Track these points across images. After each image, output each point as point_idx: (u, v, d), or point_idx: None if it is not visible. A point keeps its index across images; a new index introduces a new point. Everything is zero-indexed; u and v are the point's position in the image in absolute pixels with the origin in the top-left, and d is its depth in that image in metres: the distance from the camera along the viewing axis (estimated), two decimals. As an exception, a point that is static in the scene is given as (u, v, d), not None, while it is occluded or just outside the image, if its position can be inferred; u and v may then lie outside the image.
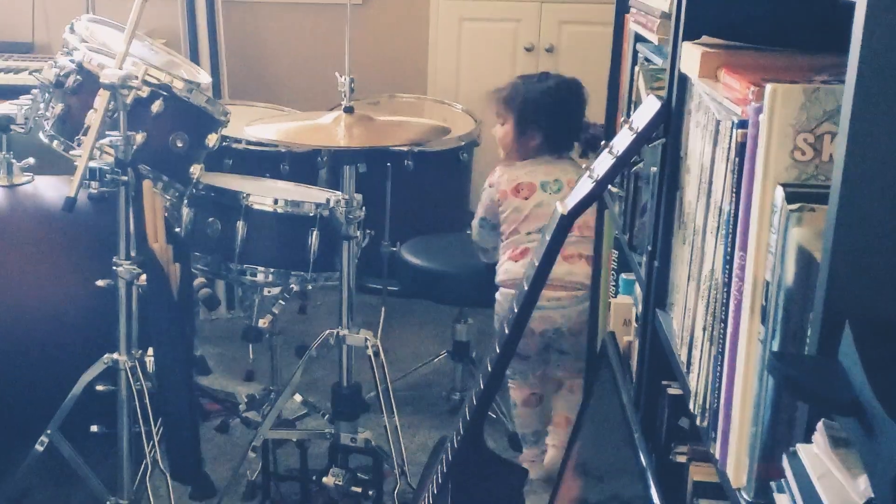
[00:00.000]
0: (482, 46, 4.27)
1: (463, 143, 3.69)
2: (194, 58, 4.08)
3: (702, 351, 1.38)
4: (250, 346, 3.57)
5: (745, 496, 1.15)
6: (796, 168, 1.10)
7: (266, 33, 4.51)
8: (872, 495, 0.82)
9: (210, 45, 4.15)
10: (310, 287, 2.81)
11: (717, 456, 1.24)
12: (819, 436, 0.93)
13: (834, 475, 0.89)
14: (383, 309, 3.59)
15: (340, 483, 2.51)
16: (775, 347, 1.08)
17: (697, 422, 1.36)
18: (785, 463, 0.94)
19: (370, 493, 2.52)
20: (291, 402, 2.93)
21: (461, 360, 3.38)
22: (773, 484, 0.97)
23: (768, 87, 1.10)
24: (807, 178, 1.10)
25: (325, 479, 2.54)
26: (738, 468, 1.18)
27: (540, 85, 2.94)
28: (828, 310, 0.93)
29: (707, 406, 1.33)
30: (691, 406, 1.40)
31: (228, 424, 3.20)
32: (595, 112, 3.03)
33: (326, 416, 2.97)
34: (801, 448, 0.94)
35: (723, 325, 1.26)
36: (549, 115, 2.90)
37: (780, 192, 1.07)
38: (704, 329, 1.36)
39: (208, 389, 3.28)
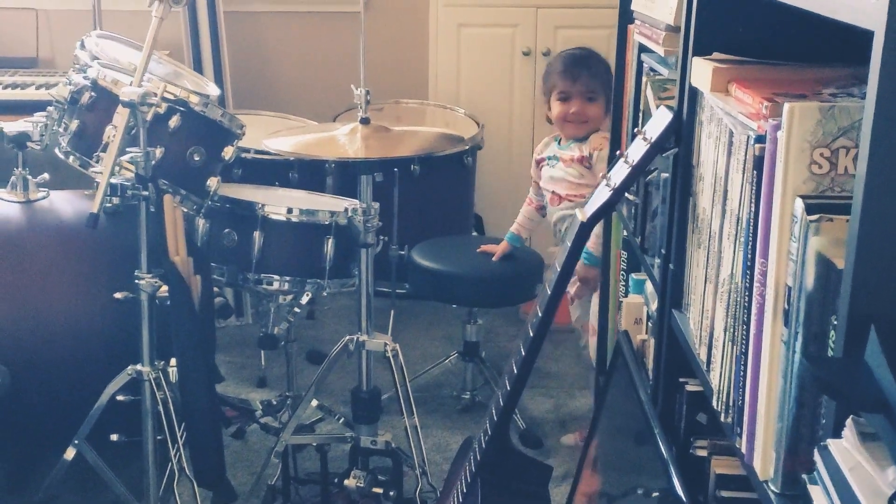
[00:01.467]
0: (481, 52, 4.35)
1: (467, 147, 3.76)
2: (197, 68, 4.14)
3: (723, 351, 1.46)
4: (262, 353, 3.64)
5: (773, 488, 1.23)
6: (813, 181, 1.18)
7: (269, 42, 4.57)
8: (899, 484, 0.90)
9: (213, 54, 4.21)
10: (325, 294, 2.88)
11: (744, 450, 1.32)
12: (848, 431, 1.00)
13: (864, 467, 0.97)
14: (392, 312, 3.66)
15: (362, 485, 2.58)
16: (798, 348, 1.16)
17: (721, 418, 1.44)
18: (816, 456, 1.02)
19: (391, 493, 2.59)
20: (308, 407, 3.00)
21: (471, 360, 3.46)
22: (805, 476, 1.05)
23: (786, 105, 1.18)
24: (824, 189, 1.18)
25: (346, 482, 2.60)
26: (764, 462, 1.26)
27: (606, 61, 3.11)
28: (852, 314, 1.01)
29: (731, 403, 1.40)
30: (714, 403, 1.47)
31: (245, 430, 3.26)
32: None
33: (342, 419, 3.05)
34: (831, 443, 1.01)
35: (745, 326, 1.34)
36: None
37: (799, 204, 1.15)
38: (725, 330, 1.44)
39: (224, 396, 3.34)
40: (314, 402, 3.03)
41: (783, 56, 1.60)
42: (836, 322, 1.08)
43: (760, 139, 1.28)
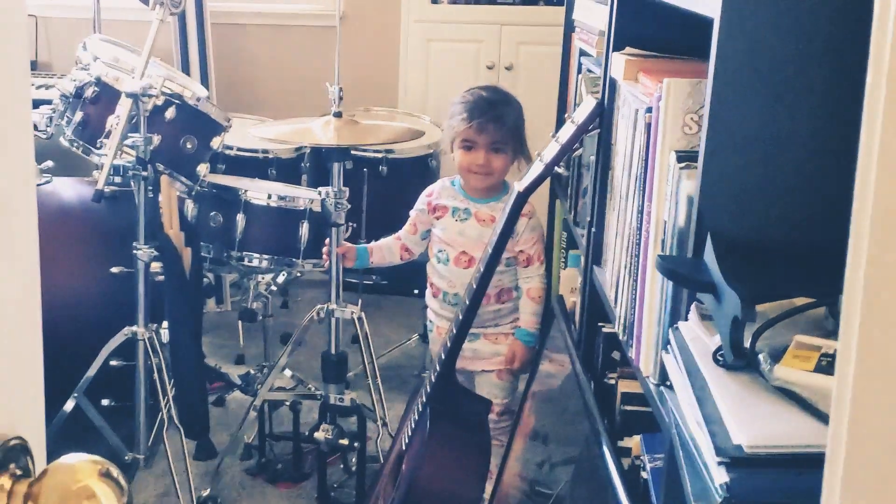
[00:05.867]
0: (448, 65, 4.70)
1: (432, 151, 4.10)
2: (185, 73, 4.46)
3: (625, 286, 1.80)
4: (240, 332, 3.96)
5: (653, 380, 1.57)
6: (685, 139, 1.53)
7: (251, 52, 4.92)
8: (720, 343, 1.24)
9: (200, 61, 4.54)
10: (299, 273, 3.20)
11: (633, 357, 1.67)
12: (692, 314, 1.35)
13: (701, 338, 1.31)
14: (360, 300, 3.98)
15: (330, 437, 2.90)
16: (671, 269, 1.50)
17: (620, 337, 1.78)
18: (670, 335, 1.37)
19: (355, 444, 2.91)
20: (282, 378, 3.33)
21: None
22: (662, 351, 1.39)
23: (665, 81, 1.53)
24: (693, 146, 1.53)
25: (315, 434, 2.92)
26: (646, 361, 1.60)
27: (516, 105, 2.87)
28: (698, 228, 1.36)
29: (627, 323, 1.75)
30: (616, 327, 1.82)
31: (224, 399, 3.58)
32: (548, 115, 3.44)
33: (311, 388, 3.38)
34: (681, 324, 1.36)
35: (637, 259, 1.69)
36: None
37: (673, 156, 1.50)
38: (625, 267, 1.79)
39: (208, 368, 3.65)
40: (288, 373, 3.37)
41: (684, 52, 1.95)
42: (695, 243, 1.42)
43: (650, 110, 1.63)
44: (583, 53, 2.65)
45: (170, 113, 2.95)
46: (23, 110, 0.76)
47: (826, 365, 1.12)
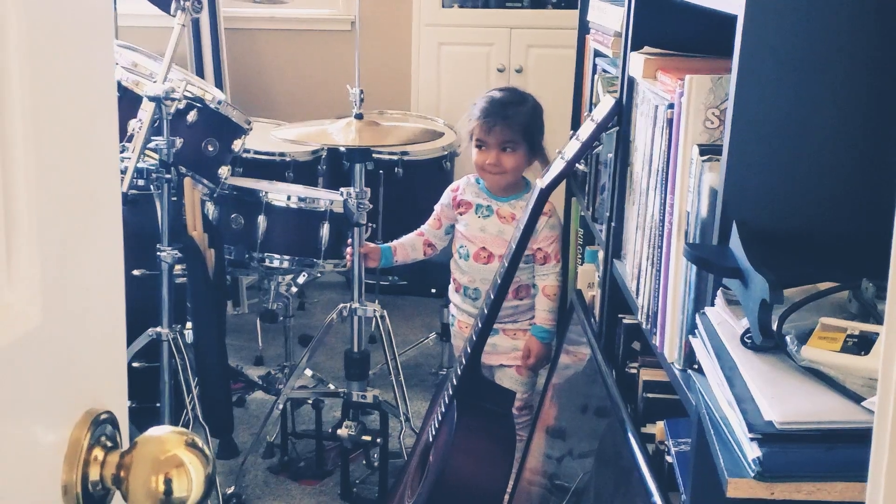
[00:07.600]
0: (459, 68, 4.76)
1: (446, 153, 4.15)
2: (200, 77, 4.52)
3: (647, 276, 1.85)
4: (259, 334, 4.01)
5: (677, 366, 1.63)
6: (707, 133, 1.58)
7: (265, 57, 4.98)
8: (748, 326, 1.29)
9: (214, 66, 4.60)
10: (319, 274, 3.25)
11: (657, 343, 1.72)
12: (719, 299, 1.40)
13: (727, 322, 1.36)
14: (377, 301, 4.03)
15: (353, 433, 2.95)
16: (695, 259, 1.55)
17: (643, 326, 1.83)
18: (697, 320, 1.42)
19: (378, 440, 2.96)
20: (303, 377, 3.38)
21: (448, 341, 3.83)
22: (689, 335, 1.44)
23: (687, 77, 1.59)
24: (715, 140, 1.58)
25: (339, 431, 2.97)
26: (671, 347, 1.65)
27: (530, 104, 2.91)
28: (723, 218, 1.41)
29: (650, 312, 1.80)
30: (639, 316, 1.87)
31: (245, 399, 3.63)
32: (558, 117, 3.50)
33: (332, 387, 3.43)
34: (708, 310, 1.41)
35: (659, 250, 1.74)
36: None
37: (695, 150, 1.56)
38: (648, 258, 1.84)
39: (229, 368, 3.69)
40: (309, 372, 3.42)
41: (700, 50, 2.00)
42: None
43: (671, 106, 1.69)
44: (598, 54, 2.70)
45: (191, 116, 3.00)
46: (111, 119, 0.82)
47: (852, 345, 1.17)
